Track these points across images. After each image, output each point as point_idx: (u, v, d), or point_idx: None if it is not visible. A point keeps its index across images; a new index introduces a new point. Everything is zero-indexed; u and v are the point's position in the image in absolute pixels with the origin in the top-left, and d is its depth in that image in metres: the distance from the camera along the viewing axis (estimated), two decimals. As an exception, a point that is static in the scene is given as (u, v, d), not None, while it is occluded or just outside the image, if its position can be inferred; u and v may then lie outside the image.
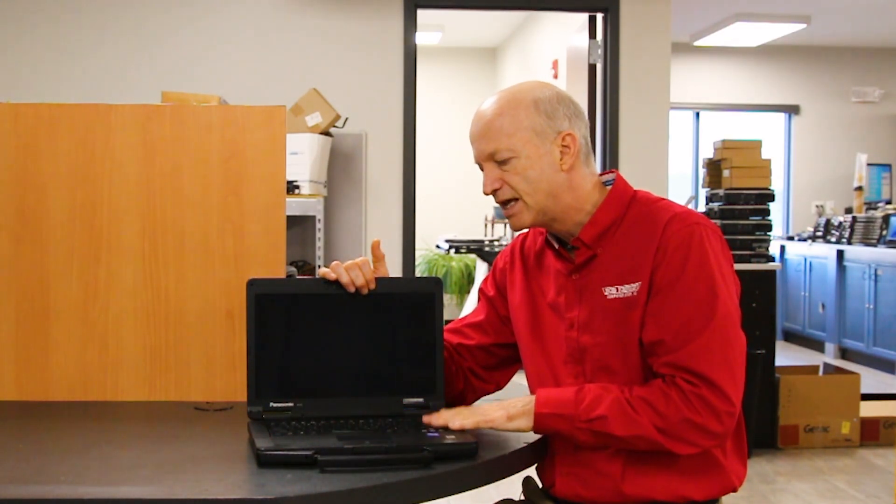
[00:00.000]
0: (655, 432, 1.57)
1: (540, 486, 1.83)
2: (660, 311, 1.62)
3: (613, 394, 1.60)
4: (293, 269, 4.38)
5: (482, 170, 1.73)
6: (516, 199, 1.71)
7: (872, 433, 4.93)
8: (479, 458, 1.53)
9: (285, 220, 2.01)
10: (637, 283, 1.65)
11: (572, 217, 1.72)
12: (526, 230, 1.85)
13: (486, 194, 1.73)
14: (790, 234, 9.06)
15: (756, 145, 5.13)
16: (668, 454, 1.62)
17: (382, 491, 1.39)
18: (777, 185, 5.87)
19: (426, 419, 1.63)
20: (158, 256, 1.99)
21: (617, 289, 1.67)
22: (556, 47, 6.97)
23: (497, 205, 1.75)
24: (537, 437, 1.69)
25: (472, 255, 7.88)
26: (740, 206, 5.02)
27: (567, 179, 1.70)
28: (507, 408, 1.63)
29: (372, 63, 5.02)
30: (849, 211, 8.33)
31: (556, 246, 1.77)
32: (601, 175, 1.78)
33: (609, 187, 1.75)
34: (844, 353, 7.64)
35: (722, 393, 1.57)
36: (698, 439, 1.58)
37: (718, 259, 1.64)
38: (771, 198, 5.06)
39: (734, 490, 1.71)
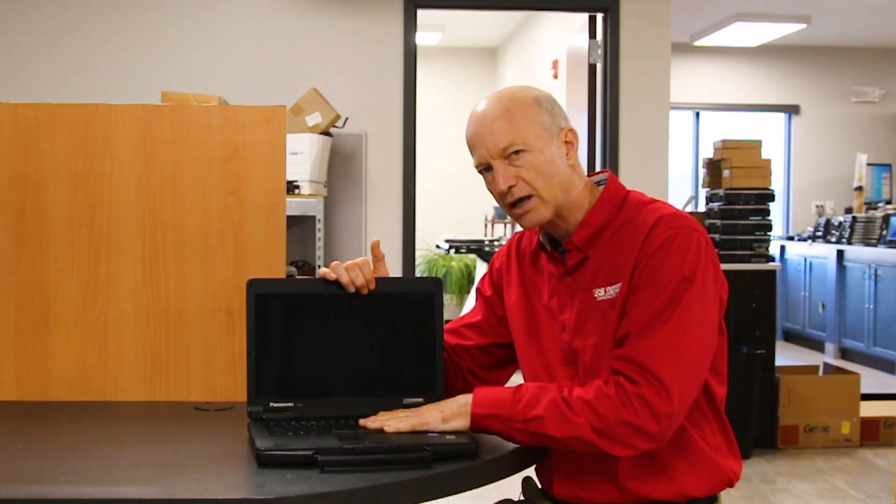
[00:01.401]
0: (592, 433, 1.55)
1: (539, 486, 1.83)
2: (631, 308, 1.61)
3: (551, 394, 1.58)
4: (293, 269, 4.38)
5: (484, 174, 1.71)
6: (530, 196, 1.68)
7: (872, 433, 4.93)
8: (479, 458, 1.53)
9: (285, 220, 2.01)
10: (619, 284, 1.65)
11: (575, 214, 1.72)
12: (522, 230, 1.85)
13: (502, 192, 1.68)
14: (790, 234, 9.06)
15: (756, 145, 5.13)
16: (665, 452, 1.63)
17: (382, 491, 1.39)
18: (777, 185, 5.87)
19: (362, 422, 1.61)
20: (158, 256, 1.99)
21: (605, 290, 1.67)
22: (556, 47, 6.97)
23: (497, 205, 1.74)
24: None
25: (472, 255, 7.88)
26: (740, 206, 5.02)
27: (573, 175, 1.71)
28: (443, 409, 1.62)
29: (372, 63, 5.02)
30: (849, 211, 8.33)
31: (549, 248, 1.77)
32: (594, 175, 1.79)
33: (601, 187, 1.75)
34: (844, 353, 7.64)
35: (665, 392, 1.54)
36: (635, 441, 1.55)
37: (699, 261, 1.62)
38: (771, 198, 5.06)
39: (731, 485, 1.71)
